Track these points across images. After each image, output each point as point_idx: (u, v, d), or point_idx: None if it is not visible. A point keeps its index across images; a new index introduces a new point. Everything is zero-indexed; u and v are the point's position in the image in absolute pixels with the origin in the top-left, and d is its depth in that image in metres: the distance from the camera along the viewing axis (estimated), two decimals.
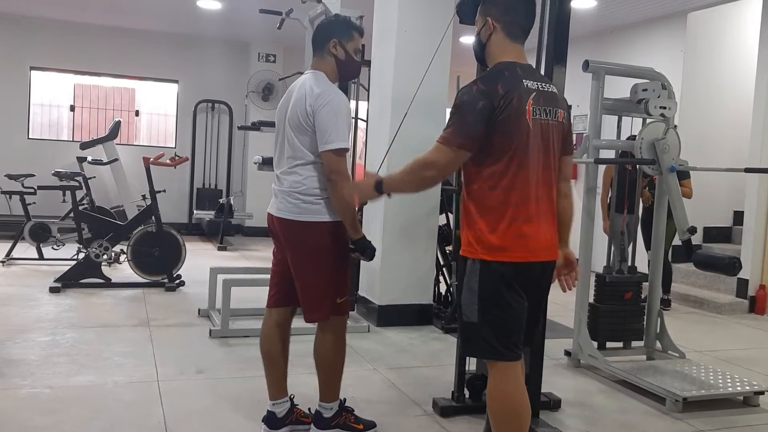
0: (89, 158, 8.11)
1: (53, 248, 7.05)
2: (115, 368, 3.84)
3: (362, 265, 5.43)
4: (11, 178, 7.44)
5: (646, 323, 4.39)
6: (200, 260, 7.38)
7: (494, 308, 2.29)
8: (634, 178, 4.85)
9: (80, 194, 7.28)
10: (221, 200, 9.60)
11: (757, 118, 6.47)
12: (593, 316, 4.29)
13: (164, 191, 6.43)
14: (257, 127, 5.67)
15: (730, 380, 3.87)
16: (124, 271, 6.36)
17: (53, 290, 5.71)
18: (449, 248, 5.50)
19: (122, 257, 6.12)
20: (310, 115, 2.73)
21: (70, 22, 9.42)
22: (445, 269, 5.57)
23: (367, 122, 5.88)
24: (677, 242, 4.31)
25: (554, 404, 3.52)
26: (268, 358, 3.00)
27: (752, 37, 6.98)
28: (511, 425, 2.33)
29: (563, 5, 3.18)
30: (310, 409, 3.07)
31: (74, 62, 9.68)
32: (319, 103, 2.72)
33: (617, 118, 4.49)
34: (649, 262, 4.47)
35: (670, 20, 7.50)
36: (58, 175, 7.52)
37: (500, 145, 2.25)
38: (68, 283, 5.86)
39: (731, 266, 3.87)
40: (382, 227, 5.14)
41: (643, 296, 4.47)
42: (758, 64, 6.52)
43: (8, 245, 7.11)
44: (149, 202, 6.22)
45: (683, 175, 5.35)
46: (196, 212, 9.99)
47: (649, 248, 4.65)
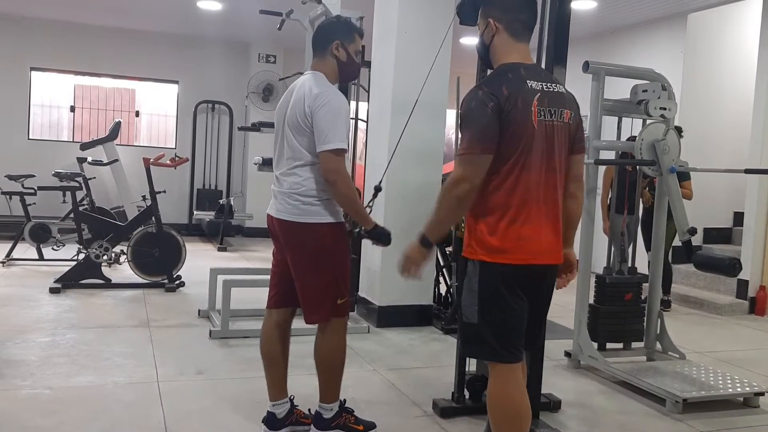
0: (89, 159, 8.11)
1: (53, 249, 7.05)
2: (115, 369, 3.85)
3: (362, 266, 5.44)
4: (11, 178, 7.43)
5: (646, 324, 4.39)
6: (200, 261, 7.38)
7: (494, 309, 2.29)
8: (634, 179, 4.86)
9: (80, 195, 7.28)
10: (221, 201, 9.60)
11: (757, 119, 6.47)
12: (593, 317, 4.29)
13: (164, 192, 6.43)
14: (257, 128, 5.66)
15: (730, 381, 3.87)
16: (124, 271, 6.36)
17: (53, 291, 5.71)
18: (449, 249, 5.50)
19: (122, 258, 6.12)
20: (308, 115, 2.72)
21: (70, 22, 9.41)
22: (445, 270, 5.57)
23: (367, 123, 5.88)
24: (677, 243, 4.31)
25: (554, 405, 3.52)
26: (268, 358, 3.00)
27: (752, 38, 6.98)
28: (511, 428, 2.33)
29: (563, 6, 3.18)
30: (310, 409, 3.07)
31: (74, 63, 9.68)
32: (317, 103, 2.71)
33: (617, 119, 4.50)
34: (649, 263, 4.47)
35: (670, 21, 7.50)
36: (58, 175, 7.51)
37: (505, 147, 2.23)
38: (68, 283, 5.86)
39: (731, 267, 3.86)
40: None
41: (643, 297, 4.47)
42: (758, 65, 6.52)
43: (8, 246, 7.11)
44: (149, 202, 6.22)
45: (683, 176, 5.35)
46: (196, 213, 9.98)
47: (649, 249, 4.65)
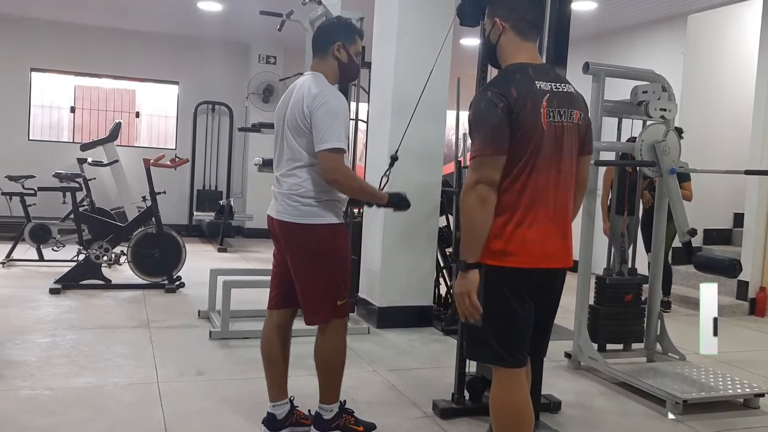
0: (89, 159, 8.10)
1: (53, 249, 7.05)
2: (115, 370, 3.84)
3: (362, 267, 5.44)
4: (11, 179, 7.43)
5: (646, 325, 4.39)
6: (200, 262, 7.38)
7: (499, 313, 2.25)
8: (634, 179, 4.85)
9: (80, 195, 7.28)
10: (221, 202, 9.60)
11: (757, 120, 6.47)
12: (593, 318, 4.29)
13: (164, 193, 6.43)
14: (257, 128, 5.67)
15: (730, 382, 3.87)
16: (124, 272, 6.36)
17: (53, 291, 5.71)
18: (449, 250, 5.50)
19: (122, 259, 6.12)
20: (307, 116, 2.72)
21: (70, 23, 9.41)
22: (445, 271, 5.57)
23: (367, 124, 5.88)
24: (677, 244, 4.31)
25: (554, 406, 3.52)
26: (268, 359, 3.00)
27: (752, 39, 6.99)
28: None
29: (564, 7, 3.19)
30: (310, 410, 3.07)
31: (75, 64, 9.68)
32: (316, 103, 2.71)
33: (617, 120, 4.50)
34: (649, 264, 4.47)
35: (670, 22, 7.50)
36: (58, 176, 7.51)
37: (514, 149, 2.18)
38: (68, 284, 5.86)
39: (731, 268, 3.86)
40: (382, 229, 5.14)
41: (643, 298, 4.47)
42: (758, 66, 6.52)
43: (8, 246, 7.11)
44: (149, 203, 6.22)
45: (683, 177, 5.35)
46: (196, 214, 9.99)
47: (649, 250, 4.65)
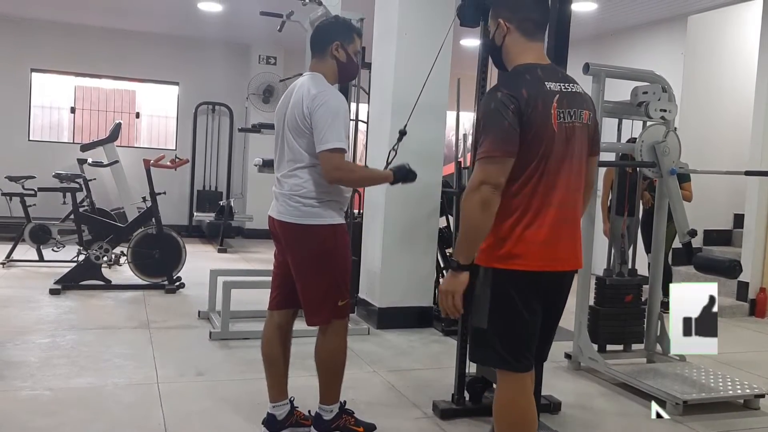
0: (89, 160, 8.10)
1: (53, 250, 7.05)
2: (115, 370, 3.84)
3: (362, 267, 5.43)
4: (12, 179, 7.43)
5: (646, 326, 4.39)
6: (200, 262, 7.37)
7: (505, 316, 2.22)
8: (634, 180, 4.85)
9: (80, 196, 7.27)
10: (221, 202, 9.60)
11: (757, 120, 6.47)
12: (593, 318, 4.29)
13: (164, 193, 6.43)
14: (257, 129, 5.69)
15: (730, 383, 3.87)
16: (124, 273, 6.35)
17: (53, 292, 5.70)
18: (449, 250, 5.50)
19: (122, 259, 6.12)
20: (307, 117, 2.72)
21: (70, 24, 9.41)
22: (445, 271, 5.57)
23: (367, 124, 5.88)
24: (677, 245, 4.30)
25: (554, 407, 3.52)
26: (268, 360, 3.00)
27: (753, 39, 6.98)
28: None
29: (564, 8, 3.18)
30: (310, 411, 3.07)
31: (75, 64, 9.68)
32: (315, 104, 2.71)
33: (617, 120, 4.49)
34: (649, 264, 4.47)
35: (670, 23, 7.50)
36: (58, 176, 7.51)
37: (525, 152, 2.14)
38: (68, 284, 5.85)
39: (731, 269, 3.86)
40: (382, 230, 5.14)
41: (643, 299, 4.47)
42: (758, 66, 6.52)
43: (8, 247, 7.11)
44: (149, 204, 6.22)
45: (683, 178, 5.35)
46: (196, 214, 9.99)
47: (649, 251, 4.65)
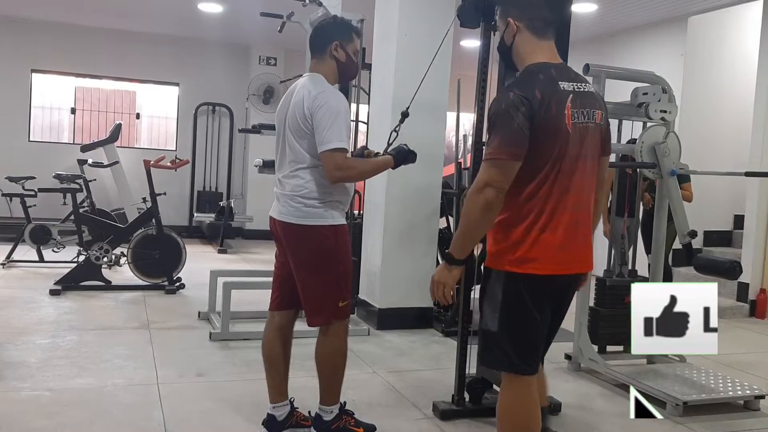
0: (90, 161, 8.11)
1: (53, 251, 7.05)
2: (115, 371, 3.84)
3: (362, 268, 5.43)
4: (12, 180, 7.44)
5: None
6: (200, 263, 7.36)
7: (516, 320, 2.21)
8: (634, 181, 4.85)
9: (81, 197, 7.27)
10: (222, 203, 9.59)
11: (757, 121, 6.47)
12: (594, 319, 4.29)
13: (165, 194, 6.42)
14: (258, 130, 5.67)
15: (730, 384, 3.86)
16: (124, 273, 6.35)
17: (53, 293, 5.70)
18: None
19: (122, 260, 6.12)
20: (308, 117, 2.72)
21: (71, 24, 9.42)
22: None
23: (367, 125, 5.88)
24: (678, 246, 4.30)
25: (554, 408, 3.52)
26: (269, 361, 3.00)
27: (753, 40, 6.98)
28: None
29: (564, 9, 3.18)
30: (310, 411, 3.06)
31: (75, 65, 9.68)
32: (316, 104, 2.71)
33: (618, 121, 4.49)
34: (649, 265, 4.47)
35: (670, 24, 7.50)
36: (58, 177, 7.51)
37: (539, 153, 2.11)
38: (68, 285, 5.85)
39: (732, 270, 3.86)
40: (382, 230, 5.13)
41: None
42: (759, 67, 6.52)
43: (9, 247, 7.10)
44: (150, 204, 6.21)
45: (684, 178, 5.34)
46: (196, 215, 9.97)
47: (649, 252, 4.65)
